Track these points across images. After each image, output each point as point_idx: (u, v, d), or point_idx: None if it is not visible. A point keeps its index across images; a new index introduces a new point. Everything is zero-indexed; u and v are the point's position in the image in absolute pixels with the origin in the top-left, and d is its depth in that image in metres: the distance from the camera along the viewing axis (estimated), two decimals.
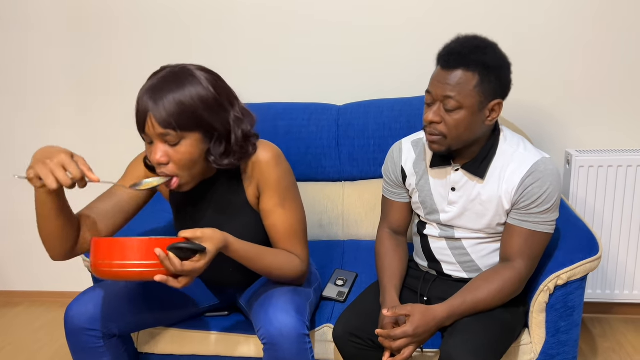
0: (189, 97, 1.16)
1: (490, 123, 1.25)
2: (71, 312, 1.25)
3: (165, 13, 2.05)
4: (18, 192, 2.33)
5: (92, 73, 2.15)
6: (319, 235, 1.94)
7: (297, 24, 2.01)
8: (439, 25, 1.95)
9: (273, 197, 1.31)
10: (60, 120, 2.22)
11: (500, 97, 1.23)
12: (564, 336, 1.37)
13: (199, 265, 1.10)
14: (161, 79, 1.18)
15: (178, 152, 1.18)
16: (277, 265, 1.28)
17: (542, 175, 1.24)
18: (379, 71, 2.02)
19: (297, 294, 1.30)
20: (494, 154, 1.30)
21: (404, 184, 1.43)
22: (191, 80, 1.18)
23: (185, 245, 1.09)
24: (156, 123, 1.15)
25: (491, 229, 1.33)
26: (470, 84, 1.19)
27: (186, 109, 1.16)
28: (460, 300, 1.26)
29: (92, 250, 1.09)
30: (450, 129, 1.22)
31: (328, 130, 1.90)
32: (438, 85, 1.21)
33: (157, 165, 1.20)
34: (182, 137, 1.17)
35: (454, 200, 1.34)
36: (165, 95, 1.15)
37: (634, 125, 1.97)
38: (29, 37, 2.13)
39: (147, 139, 1.20)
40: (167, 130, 1.15)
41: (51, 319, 2.32)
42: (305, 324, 1.22)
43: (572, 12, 1.89)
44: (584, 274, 1.34)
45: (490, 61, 1.19)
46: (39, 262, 2.42)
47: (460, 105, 1.20)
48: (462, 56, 1.19)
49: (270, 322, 1.19)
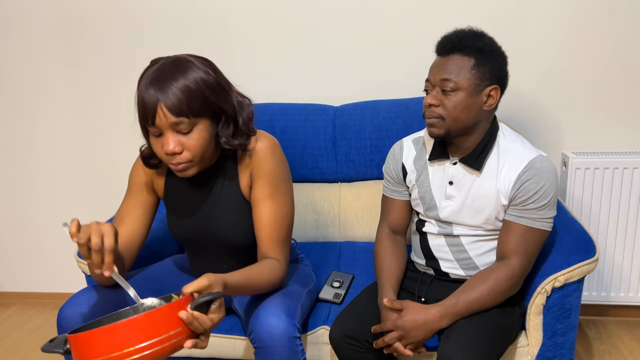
0: (195, 82, 1.16)
1: (488, 108, 1.27)
2: (64, 314, 1.24)
3: (159, 15, 2.03)
4: (10, 195, 2.32)
5: (87, 74, 2.14)
6: (316, 236, 1.94)
7: (293, 25, 2.00)
8: (436, 26, 1.95)
9: (264, 187, 1.30)
10: (56, 120, 2.21)
11: (497, 83, 1.26)
12: (560, 338, 1.37)
13: (222, 314, 1.04)
14: (161, 69, 1.16)
15: (191, 139, 1.18)
16: (266, 282, 1.26)
17: (539, 171, 1.25)
18: (375, 72, 2.02)
19: (288, 296, 1.29)
20: (491, 147, 1.31)
21: (404, 181, 1.44)
22: (191, 66, 1.18)
23: (208, 297, 0.98)
24: (168, 112, 1.14)
25: (489, 224, 1.33)
26: (466, 66, 1.24)
27: (195, 94, 1.16)
28: (454, 300, 1.26)
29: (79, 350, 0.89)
30: (448, 110, 1.26)
31: (324, 131, 1.89)
32: (436, 71, 1.27)
33: (170, 155, 1.18)
34: (194, 124, 1.17)
35: (452, 195, 1.34)
36: (172, 83, 1.14)
37: (631, 127, 1.98)
38: (23, 40, 2.12)
39: (156, 132, 1.17)
40: (180, 118, 1.15)
41: (44, 320, 2.30)
42: (296, 327, 1.21)
43: (569, 14, 1.89)
44: (581, 276, 1.34)
45: (485, 46, 1.25)
46: (31, 263, 2.40)
47: (457, 86, 1.24)
48: (457, 41, 1.25)
49: (260, 325, 1.19)
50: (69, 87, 2.16)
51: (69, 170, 2.26)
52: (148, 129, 1.18)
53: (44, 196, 2.31)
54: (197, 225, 1.36)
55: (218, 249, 1.38)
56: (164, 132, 1.17)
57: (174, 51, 2.07)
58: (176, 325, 0.93)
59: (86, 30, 2.08)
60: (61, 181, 2.28)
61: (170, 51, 2.07)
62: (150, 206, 1.37)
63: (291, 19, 2.00)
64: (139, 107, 1.17)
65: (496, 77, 1.26)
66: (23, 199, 2.32)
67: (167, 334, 0.91)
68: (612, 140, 2.00)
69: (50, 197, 2.30)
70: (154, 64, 1.19)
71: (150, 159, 1.32)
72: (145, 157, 1.32)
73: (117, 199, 2.26)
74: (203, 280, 1.04)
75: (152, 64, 1.19)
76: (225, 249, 1.38)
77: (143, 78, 1.17)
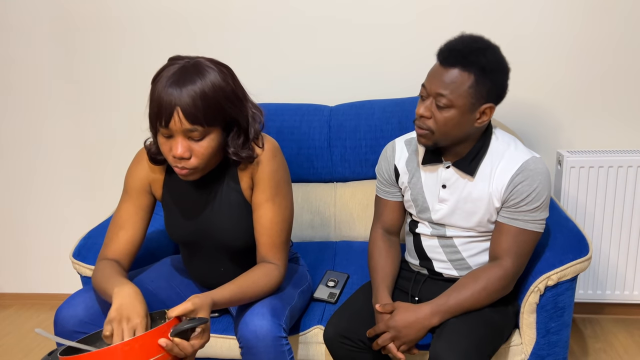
0: (213, 90, 1.15)
1: (479, 125, 1.25)
2: (61, 315, 1.24)
3: (158, 15, 2.04)
4: (6, 196, 2.32)
5: (86, 73, 2.14)
6: (311, 236, 1.94)
7: (289, 25, 2.00)
8: (431, 27, 1.95)
9: (265, 191, 1.30)
10: (55, 121, 2.21)
11: (493, 101, 1.23)
12: (554, 337, 1.38)
13: (205, 339, 1.08)
14: (181, 72, 1.14)
15: (201, 147, 1.18)
16: (260, 292, 1.26)
17: (532, 173, 1.25)
18: (370, 72, 2.02)
19: (276, 297, 1.29)
20: (485, 152, 1.30)
21: (396, 182, 1.44)
22: (211, 73, 1.17)
23: (190, 325, 1.01)
24: (184, 119, 1.13)
25: (482, 226, 1.33)
26: (464, 84, 1.19)
27: (212, 104, 1.15)
28: (445, 298, 1.27)
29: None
30: (438, 125, 1.23)
31: (320, 131, 1.90)
32: (433, 81, 1.22)
33: (177, 159, 1.18)
34: (207, 133, 1.17)
35: (445, 198, 1.34)
36: (191, 89, 1.13)
37: (625, 126, 1.98)
38: (20, 38, 2.12)
39: (167, 133, 1.17)
40: (194, 126, 1.14)
41: (41, 321, 2.30)
42: (281, 327, 1.22)
43: (564, 13, 1.89)
44: (574, 274, 1.34)
45: (488, 64, 1.19)
46: (28, 264, 2.41)
47: (451, 104, 1.20)
48: (461, 55, 1.19)
49: (245, 326, 1.20)
50: (65, 85, 2.16)
51: (66, 171, 2.26)
52: (158, 128, 1.17)
53: (40, 198, 2.31)
54: (196, 227, 1.36)
55: (217, 251, 1.39)
56: (175, 136, 1.16)
57: (172, 51, 2.06)
58: (157, 352, 0.97)
59: (86, 30, 2.08)
60: (58, 182, 2.28)
61: (169, 51, 2.07)
62: (148, 209, 1.37)
63: (287, 20, 2.00)
64: (153, 105, 1.15)
65: (494, 95, 1.23)
66: (19, 200, 2.32)
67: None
68: (607, 139, 2.00)
69: (47, 199, 2.31)
70: (173, 63, 1.18)
71: (158, 155, 1.31)
72: (153, 154, 1.31)
73: (114, 198, 2.26)
74: (188, 305, 1.07)
75: (172, 63, 1.18)
76: (224, 252, 1.39)
77: (162, 77, 1.15)
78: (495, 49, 1.22)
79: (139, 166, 1.36)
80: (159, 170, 1.36)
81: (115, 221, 1.35)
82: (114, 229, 1.34)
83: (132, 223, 1.34)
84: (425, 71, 1.72)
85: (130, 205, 1.35)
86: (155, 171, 1.36)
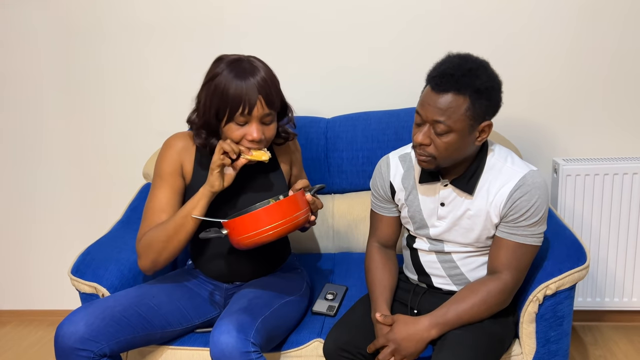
0: (275, 79, 1.35)
1: (479, 143, 1.25)
2: (62, 332, 1.24)
3: (154, 20, 2.05)
4: (4, 212, 2.31)
5: (85, 74, 2.14)
6: (310, 248, 1.94)
7: (285, 36, 2.02)
8: (425, 38, 1.97)
9: (301, 171, 1.61)
10: (54, 137, 2.21)
11: (490, 117, 1.23)
12: (554, 346, 1.38)
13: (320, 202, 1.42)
14: (243, 66, 1.30)
15: (270, 130, 1.36)
16: None
17: (530, 188, 1.25)
18: (366, 84, 2.03)
19: (246, 312, 1.30)
20: (482, 169, 1.30)
21: (392, 199, 1.43)
22: (266, 67, 1.35)
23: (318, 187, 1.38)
24: (265, 105, 1.31)
25: (480, 242, 1.33)
26: (460, 108, 1.17)
27: (277, 90, 1.35)
28: (444, 310, 1.27)
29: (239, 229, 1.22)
30: (440, 151, 1.22)
31: (316, 142, 1.90)
32: (428, 108, 1.19)
33: (250, 143, 1.32)
34: (274, 116, 1.37)
35: (443, 215, 1.34)
36: (264, 80, 1.30)
37: (621, 133, 1.99)
38: (20, 40, 2.13)
39: (243, 120, 1.31)
40: (271, 110, 1.33)
41: (39, 338, 2.29)
42: (249, 342, 1.23)
43: (556, 21, 1.91)
44: (573, 283, 1.34)
45: (482, 84, 1.17)
46: (26, 280, 2.40)
47: (450, 129, 1.19)
48: (453, 79, 1.16)
49: (214, 344, 1.22)
50: (63, 86, 2.17)
51: (66, 188, 2.26)
52: (235, 117, 1.29)
53: (38, 213, 2.30)
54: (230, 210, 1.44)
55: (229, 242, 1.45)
56: (252, 122, 1.32)
57: (171, 51, 2.06)
58: (305, 206, 1.28)
59: (86, 30, 2.09)
60: (57, 199, 2.28)
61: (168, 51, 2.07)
62: (182, 193, 1.45)
63: (284, 32, 2.01)
64: (230, 98, 1.28)
65: (491, 112, 1.22)
66: (17, 216, 2.32)
67: (303, 210, 1.27)
68: (603, 147, 2.01)
69: (45, 215, 2.30)
70: (224, 60, 1.33)
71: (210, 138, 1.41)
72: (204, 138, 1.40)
73: (113, 215, 2.26)
74: (304, 180, 1.35)
75: (223, 60, 1.33)
76: None
77: (223, 73, 1.30)
78: (485, 66, 1.21)
79: (170, 151, 1.44)
80: (188, 155, 1.45)
81: (153, 207, 1.40)
82: (154, 213, 1.40)
83: (171, 206, 1.41)
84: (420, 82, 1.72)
85: (167, 189, 1.42)
86: (185, 155, 1.45)
